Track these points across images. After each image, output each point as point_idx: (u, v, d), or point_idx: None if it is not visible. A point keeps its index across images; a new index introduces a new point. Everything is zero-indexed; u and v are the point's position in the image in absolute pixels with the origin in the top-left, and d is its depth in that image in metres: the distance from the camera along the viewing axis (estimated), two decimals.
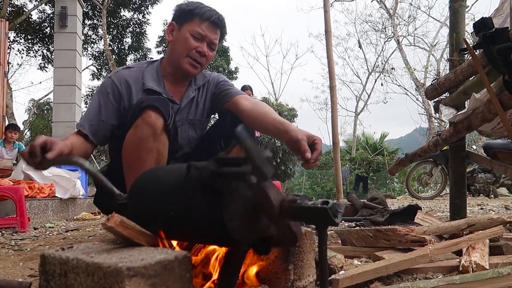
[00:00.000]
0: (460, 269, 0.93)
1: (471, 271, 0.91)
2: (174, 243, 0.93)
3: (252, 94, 6.70)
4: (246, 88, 6.56)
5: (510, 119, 1.83)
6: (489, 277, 0.81)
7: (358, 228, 1.27)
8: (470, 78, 2.11)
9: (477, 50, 1.89)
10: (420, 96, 18.80)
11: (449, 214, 2.55)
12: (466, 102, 2.29)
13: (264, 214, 0.76)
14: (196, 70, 1.62)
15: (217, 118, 1.79)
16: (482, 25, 1.81)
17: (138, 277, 0.59)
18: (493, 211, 3.33)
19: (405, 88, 20.95)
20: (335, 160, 3.94)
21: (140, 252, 0.69)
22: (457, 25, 2.42)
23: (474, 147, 6.83)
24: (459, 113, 2.10)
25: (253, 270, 0.93)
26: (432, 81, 2.44)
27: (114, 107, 1.57)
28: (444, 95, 2.46)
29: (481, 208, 3.66)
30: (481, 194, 7.13)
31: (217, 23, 1.61)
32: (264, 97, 17.10)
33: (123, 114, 1.58)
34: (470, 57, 2.18)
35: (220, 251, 0.88)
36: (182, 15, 1.60)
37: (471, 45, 1.85)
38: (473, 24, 1.88)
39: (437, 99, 2.61)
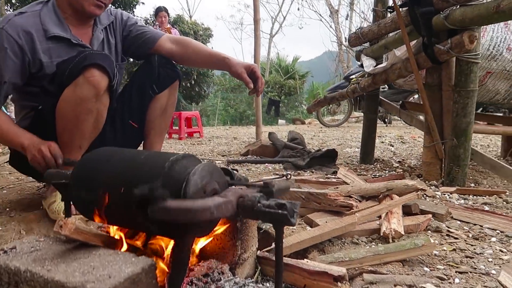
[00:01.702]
0: (381, 234, 1.09)
1: (391, 237, 1.07)
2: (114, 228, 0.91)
3: (168, 16, 6.24)
4: (160, 10, 6.06)
5: (421, 73, 2.00)
6: (408, 248, 0.97)
7: (292, 189, 1.36)
8: (392, 34, 2.22)
9: (402, 9, 1.98)
10: (333, 24, 19.23)
11: (359, 150, 2.83)
12: (384, 55, 2.44)
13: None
14: (101, 11, 1.45)
15: (142, 62, 1.66)
16: None
17: None
18: (392, 145, 3.76)
19: (320, 15, 21.16)
20: (256, 103, 3.99)
21: (101, 261, 0.68)
22: None
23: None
24: (378, 66, 2.24)
25: (198, 245, 0.97)
26: (356, 29, 2.52)
27: (15, 64, 1.34)
28: (365, 44, 2.58)
29: (382, 142, 4.09)
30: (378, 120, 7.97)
31: None
32: (178, 14, 15.99)
33: (27, 69, 1.36)
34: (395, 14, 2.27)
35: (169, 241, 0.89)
36: None
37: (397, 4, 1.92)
38: None
39: (359, 48, 2.72)
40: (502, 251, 1.01)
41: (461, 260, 0.96)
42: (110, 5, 1.50)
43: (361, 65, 7.27)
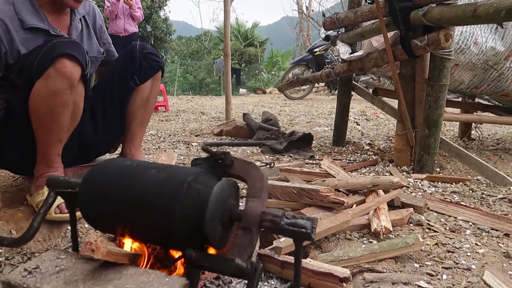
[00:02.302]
0: (372, 230, 1.19)
1: (382, 234, 1.16)
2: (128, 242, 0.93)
3: None
4: None
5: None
6: (400, 247, 1.07)
7: (282, 184, 1.42)
8: (368, 23, 2.28)
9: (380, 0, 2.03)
10: None
11: (328, 129, 2.93)
12: (358, 42, 2.50)
13: (242, 225, 0.82)
14: (79, 3, 1.40)
15: (123, 51, 1.61)
16: None
17: None
18: (358, 124, 3.92)
19: None
20: (226, 70, 3.95)
21: (135, 282, 0.70)
22: None
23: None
24: (354, 54, 2.31)
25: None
26: (333, 14, 2.55)
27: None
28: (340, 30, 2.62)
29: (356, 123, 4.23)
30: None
31: None
32: None
33: (3, 60, 1.28)
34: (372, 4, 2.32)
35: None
36: None
37: None
38: None
39: (334, 33, 2.76)
40: (477, 245, 1.14)
41: (445, 255, 1.08)
42: None
43: (325, 39, 7.33)
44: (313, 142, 2.78)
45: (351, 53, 2.38)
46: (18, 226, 1.30)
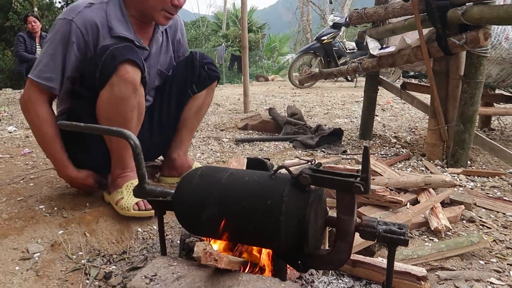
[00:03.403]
0: (433, 229, 1.25)
1: (443, 232, 1.23)
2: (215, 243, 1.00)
3: None
4: None
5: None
6: (466, 245, 1.14)
7: None
8: (400, 19, 2.31)
9: None
10: None
11: (359, 126, 2.99)
12: (386, 38, 2.54)
13: (337, 229, 0.89)
14: (169, 22, 1.44)
15: (184, 57, 1.65)
16: None
17: None
18: (376, 115, 3.96)
19: None
20: (244, 64, 3.98)
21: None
22: None
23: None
24: (385, 50, 2.35)
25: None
26: (360, 9, 2.57)
27: (77, 59, 1.32)
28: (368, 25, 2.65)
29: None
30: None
31: None
32: None
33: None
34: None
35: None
36: None
37: None
38: None
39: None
40: None
41: (506, 252, 1.16)
42: None
43: (333, 26, 7.32)
44: None
45: (380, 49, 2.42)
46: (90, 228, 1.36)
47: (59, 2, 14.03)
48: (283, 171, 0.92)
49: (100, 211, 1.45)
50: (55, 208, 1.51)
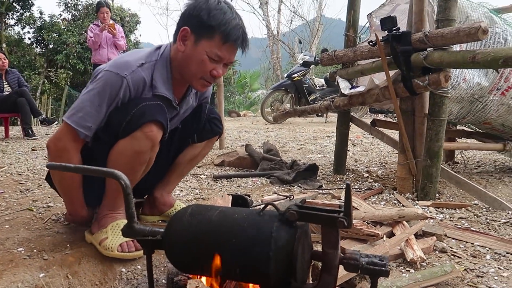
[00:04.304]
0: (409, 260, 1.32)
1: (418, 263, 1.30)
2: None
3: (111, 11, 5.95)
4: (102, 5, 5.75)
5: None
6: (440, 275, 1.21)
7: None
8: (368, 61, 2.48)
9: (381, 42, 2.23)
10: (263, 12, 19.48)
11: (332, 161, 3.09)
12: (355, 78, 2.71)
13: (323, 263, 0.94)
14: (206, 89, 1.49)
15: (195, 108, 1.68)
16: (390, 22, 2.14)
17: None
18: (348, 150, 4.12)
19: (253, 7, 21.31)
20: (219, 101, 4.08)
21: None
22: (355, 3, 2.72)
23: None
24: (356, 90, 2.50)
25: None
26: (332, 51, 2.74)
27: (114, 109, 1.34)
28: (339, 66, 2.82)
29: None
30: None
31: (241, 45, 1.37)
32: None
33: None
34: (367, 39, 2.54)
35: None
36: (201, 27, 1.31)
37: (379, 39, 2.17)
38: (381, 19, 2.20)
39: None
40: (500, 269, 1.30)
41: (477, 280, 1.23)
42: None
43: (303, 65, 7.61)
44: None
45: (351, 88, 2.57)
46: (72, 270, 1.34)
47: (29, 39, 13.95)
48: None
49: (82, 252, 1.44)
50: (35, 250, 1.48)
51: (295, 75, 7.51)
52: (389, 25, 2.14)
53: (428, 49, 2.01)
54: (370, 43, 2.26)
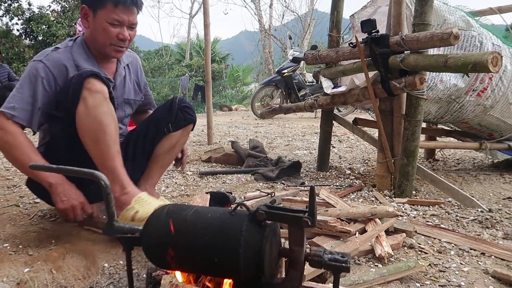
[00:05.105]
0: (377, 256, 1.40)
1: (386, 258, 1.38)
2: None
3: None
4: None
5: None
6: (404, 270, 1.29)
7: None
8: (349, 61, 2.55)
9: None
10: (254, 6, 19.44)
11: (307, 152, 3.16)
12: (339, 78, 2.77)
13: (290, 259, 1.01)
14: (121, 54, 1.64)
15: (165, 101, 1.82)
16: (369, 25, 2.21)
17: None
18: (334, 146, 4.19)
19: (245, 1, 21.21)
20: (207, 97, 4.12)
21: None
22: (338, 4, 2.77)
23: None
24: (337, 89, 2.57)
25: None
26: (315, 51, 2.79)
27: (48, 94, 1.48)
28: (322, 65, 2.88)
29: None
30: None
31: (132, 3, 1.53)
32: None
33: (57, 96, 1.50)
34: (350, 39, 2.60)
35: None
36: (93, 1, 1.51)
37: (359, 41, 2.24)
38: (361, 21, 2.26)
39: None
40: (462, 264, 1.39)
41: (439, 275, 1.31)
42: None
43: (292, 60, 7.68)
44: None
45: (333, 88, 2.64)
46: (56, 265, 1.40)
47: (17, 30, 13.77)
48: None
49: (66, 248, 1.49)
50: (20, 246, 1.53)
51: (285, 70, 7.57)
52: (368, 28, 2.21)
53: (405, 52, 2.08)
54: (351, 45, 2.32)
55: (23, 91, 1.45)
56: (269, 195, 2.05)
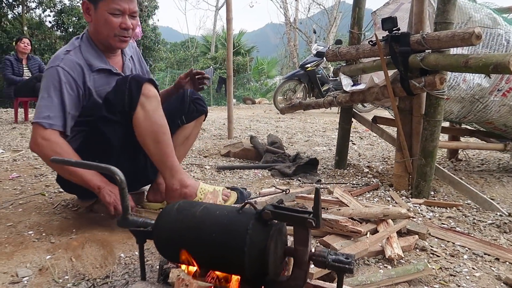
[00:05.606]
0: (387, 257, 1.40)
1: (396, 260, 1.38)
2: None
3: None
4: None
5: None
6: (413, 272, 1.29)
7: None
8: (369, 59, 2.52)
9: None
10: (282, 3, 19.34)
11: (326, 149, 3.15)
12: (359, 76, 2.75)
13: (294, 258, 1.03)
14: (126, 44, 1.69)
15: (178, 94, 1.87)
16: (390, 22, 2.18)
17: None
18: (354, 143, 4.16)
19: None
20: (228, 92, 4.15)
21: None
22: (360, 1, 2.74)
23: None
24: (357, 87, 2.54)
25: None
26: (336, 47, 2.77)
27: (71, 96, 1.54)
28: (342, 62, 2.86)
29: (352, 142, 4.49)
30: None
31: None
32: None
33: (81, 101, 1.59)
34: (371, 36, 2.57)
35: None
36: None
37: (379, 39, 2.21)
38: (382, 19, 2.23)
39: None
40: (474, 269, 1.37)
41: (448, 279, 1.31)
42: None
43: (316, 55, 7.59)
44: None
45: (352, 85, 2.62)
46: (76, 253, 1.47)
47: (49, 22, 14.21)
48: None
49: (86, 237, 1.57)
50: (43, 234, 1.61)
51: (308, 65, 7.51)
52: (389, 26, 2.18)
53: (426, 51, 2.04)
54: (370, 43, 2.30)
55: (52, 99, 1.50)
56: (284, 192, 2.07)
